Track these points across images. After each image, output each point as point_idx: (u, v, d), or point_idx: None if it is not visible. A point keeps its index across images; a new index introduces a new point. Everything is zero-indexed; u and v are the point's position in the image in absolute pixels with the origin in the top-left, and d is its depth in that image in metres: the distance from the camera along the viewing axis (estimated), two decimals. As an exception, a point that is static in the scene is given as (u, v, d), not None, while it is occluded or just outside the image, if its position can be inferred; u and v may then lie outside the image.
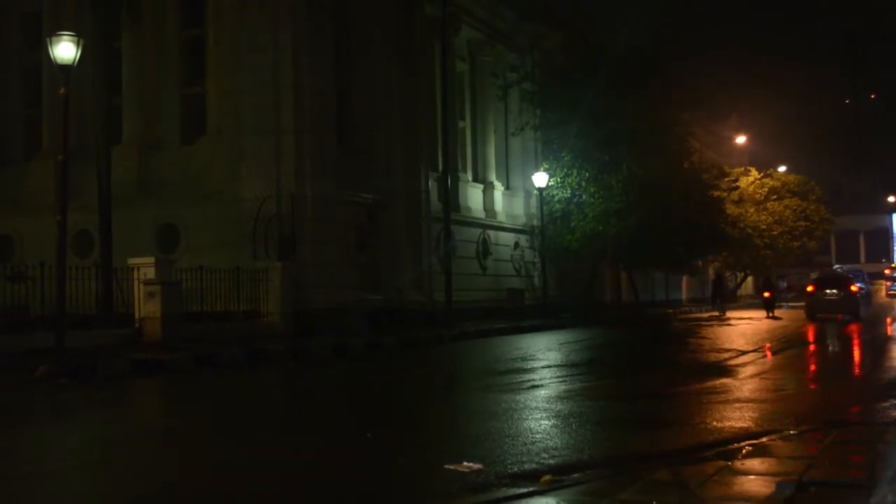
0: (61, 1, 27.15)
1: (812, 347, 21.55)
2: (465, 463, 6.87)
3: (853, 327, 27.79)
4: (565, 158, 34.74)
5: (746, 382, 13.17)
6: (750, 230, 50.57)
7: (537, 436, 8.58)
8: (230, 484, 6.83)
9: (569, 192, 35.03)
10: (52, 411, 11.52)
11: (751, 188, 53.90)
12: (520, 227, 38.42)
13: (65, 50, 16.20)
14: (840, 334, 24.83)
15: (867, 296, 36.48)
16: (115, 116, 25.17)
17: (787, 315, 36.53)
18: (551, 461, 7.17)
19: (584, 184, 34.47)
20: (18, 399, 12.37)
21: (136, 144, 27.14)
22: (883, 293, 61.71)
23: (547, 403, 10.94)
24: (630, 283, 40.09)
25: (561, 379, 13.95)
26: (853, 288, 32.74)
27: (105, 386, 13.64)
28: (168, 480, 7.05)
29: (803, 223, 54.93)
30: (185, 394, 13.54)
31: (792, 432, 8.21)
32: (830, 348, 21.31)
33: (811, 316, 32.22)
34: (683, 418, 9.76)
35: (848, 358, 19.10)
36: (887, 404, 10.35)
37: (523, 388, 12.26)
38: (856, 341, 22.92)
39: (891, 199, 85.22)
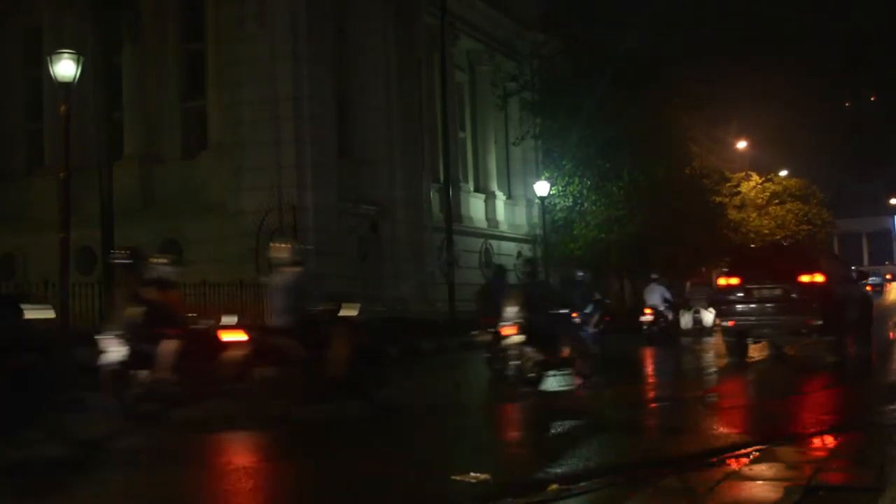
0: (62, 17, 27.24)
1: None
2: (471, 473, 6.85)
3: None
4: (566, 167, 34.72)
5: (752, 387, 13.14)
6: (752, 235, 50.52)
7: (543, 444, 8.56)
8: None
9: (570, 200, 35.00)
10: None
11: (752, 193, 53.84)
12: (522, 237, 38.42)
13: (65, 68, 16.26)
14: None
15: (880, 286, 57.87)
16: (116, 131, 25.19)
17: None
18: (557, 469, 7.15)
19: (585, 192, 34.44)
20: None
21: (137, 159, 27.19)
22: (893, 294, 63.35)
23: (552, 412, 10.91)
24: (633, 290, 40.02)
25: (565, 387, 13.90)
26: (867, 287, 51.42)
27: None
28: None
29: (806, 227, 54.85)
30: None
31: (799, 436, 8.19)
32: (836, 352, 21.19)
33: None
34: (690, 424, 9.74)
35: (854, 361, 18.99)
36: (895, 407, 10.32)
37: (528, 398, 12.21)
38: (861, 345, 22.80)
39: (893, 200, 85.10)
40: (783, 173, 59.05)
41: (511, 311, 12.01)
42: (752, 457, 7.23)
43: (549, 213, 34.46)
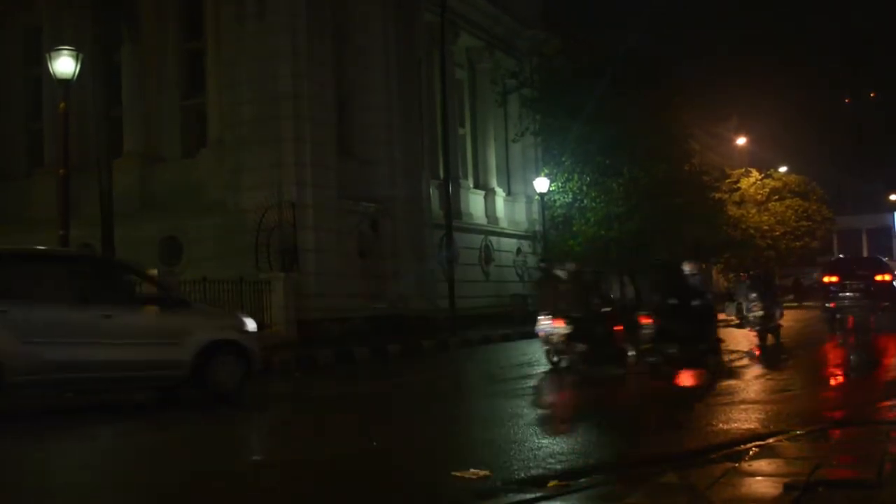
0: (61, 15, 27.20)
1: (817, 347, 21.49)
2: (471, 469, 6.86)
3: (856, 327, 27.76)
4: (566, 163, 34.66)
5: (752, 383, 13.16)
6: (752, 231, 50.49)
7: (544, 441, 8.57)
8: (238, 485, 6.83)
9: (570, 196, 34.94)
10: (54, 425, 11.49)
11: (752, 189, 53.83)
12: (522, 233, 38.42)
13: (64, 65, 16.24)
14: (844, 335, 24.77)
15: None
16: (115, 129, 25.13)
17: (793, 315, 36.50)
18: (558, 466, 7.16)
19: (585, 188, 34.39)
20: (32, 415, 12.35)
21: (137, 157, 27.17)
22: None
23: (553, 409, 10.93)
24: (633, 286, 39.96)
25: (566, 384, 13.92)
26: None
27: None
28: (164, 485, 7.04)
29: (805, 223, 54.83)
30: (186, 406, 13.51)
31: (799, 433, 8.19)
32: (835, 348, 21.26)
33: None
34: (690, 421, 9.75)
35: (853, 357, 19.04)
36: (894, 403, 10.33)
37: (528, 394, 12.24)
38: (860, 341, 22.85)
39: (893, 197, 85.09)
40: (783, 169, 59.05)
41: (753, 295, 20.24)
42: (751, 453, 7.23)
43: (549, 210, 34.45)
